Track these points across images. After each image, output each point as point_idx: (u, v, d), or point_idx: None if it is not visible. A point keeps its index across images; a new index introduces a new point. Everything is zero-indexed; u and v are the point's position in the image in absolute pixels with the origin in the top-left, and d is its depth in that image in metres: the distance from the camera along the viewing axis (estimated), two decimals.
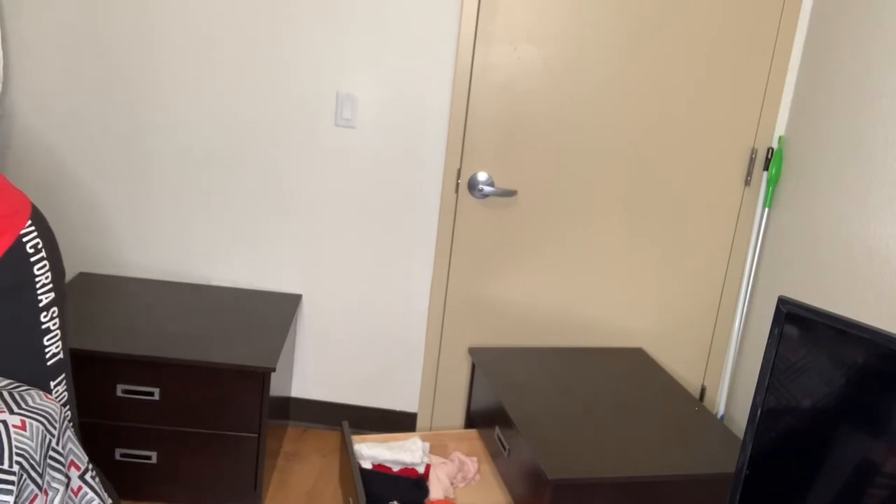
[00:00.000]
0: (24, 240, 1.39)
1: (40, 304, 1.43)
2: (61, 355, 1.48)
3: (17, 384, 1.45)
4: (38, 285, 1.42)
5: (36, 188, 2.63)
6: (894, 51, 2.09)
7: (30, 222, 1.41)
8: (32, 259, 1.41)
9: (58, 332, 1.47)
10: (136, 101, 2.57)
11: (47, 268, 1.44)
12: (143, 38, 2.51)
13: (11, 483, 1.26)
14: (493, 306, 2.74)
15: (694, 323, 2.78)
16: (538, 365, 2.55)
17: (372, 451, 2.35)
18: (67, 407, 1.53)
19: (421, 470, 2.34)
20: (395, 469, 2.34)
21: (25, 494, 1.30)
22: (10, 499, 1.25)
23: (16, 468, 1.27)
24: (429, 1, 2.49)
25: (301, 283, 2.74)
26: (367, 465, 2.33)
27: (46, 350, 1.45)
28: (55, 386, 1.49)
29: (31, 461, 1.31)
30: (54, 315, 1.46)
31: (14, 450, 1.28)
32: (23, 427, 1.32)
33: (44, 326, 1.44)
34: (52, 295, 1.44)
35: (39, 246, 1.43)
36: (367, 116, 2.59)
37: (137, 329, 2.30)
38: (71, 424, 1.55)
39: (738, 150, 2.63)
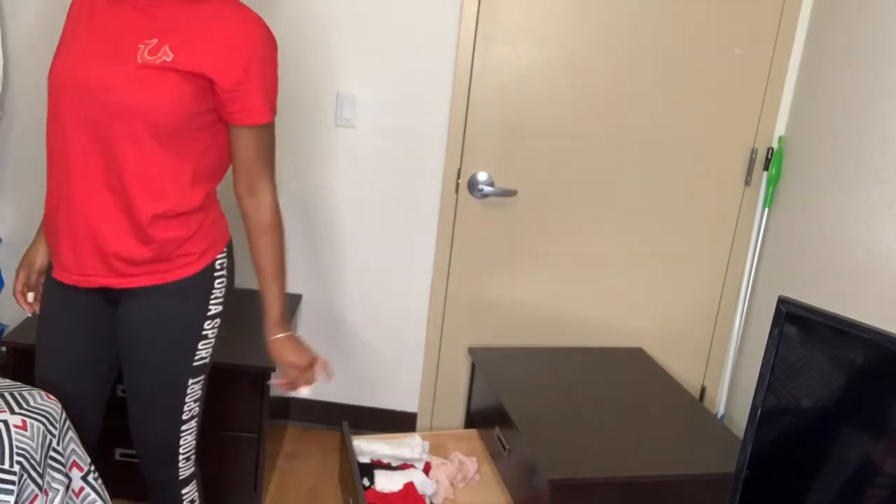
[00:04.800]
0: (218, 258, 1.63)
1: (208, 314, 1.61)
2: (207, 360, 1.66)
3: (18, 385, 1.45)
4: (212, 297, 1.61)
5: (36, 188, 2.63)
6: (894, 51, 2.09)
7: (225, 249, 1.66)
8: (216, 274, 1.63)
9: (213, 340, 1.65)
10: None
11: (224, 284, 1.65)
12: None
13: (12, 483, 1.26)
14: (493, 306, 2.74)
15: (694, 323, 2.79)
16: (538, 365, 2.55)
17: (371, 446, 2.35)
18: (199, 403, 1.69)
19: (420, 466, 2.34)
20: (395, 465, 2.34)
21: (26, 494, 1.30)
22: (11, 498, 1.25)
23: (16, 468, 1.27)
24: (429, 1, 2.49)
25: (301, 283, 2.74)
26: (365, 459, 2.33)
27: (197, 353, 1.62)
28: (192, 384, 1.64)
29: (32, 461, 1.31)
30: (215, 325, 1.64)
31: (15, 450, 1.29)
32: (23, 427, 1.32)
33: (203, 333, 1.61)
34: (220, 307, 1.65)
35: (225, 265, 1.66)
36: (367, 116, 2.59)
37: None
38: (195, 420, 1.69)
39: (738, 150, 2.63)
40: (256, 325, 2.43)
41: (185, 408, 1.64)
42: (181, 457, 1.70)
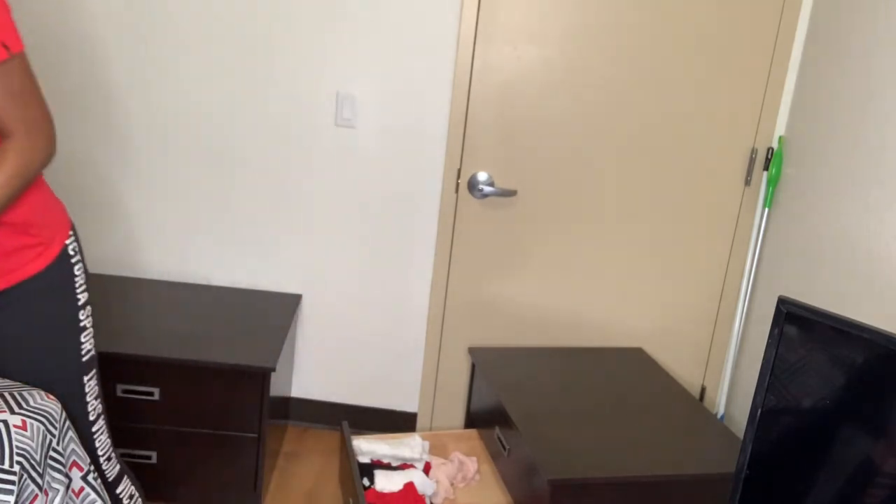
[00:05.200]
0: (68, 243, 1.50)
1: (79, 303, 1.52)
2: (93, 352, 1.57)
3: (18, 385, 1.45)
4: (76, 286, 1.51)
5: None
6: (894, 51, 2.09)
7: (71, 231, 1.52)
8: (73, 261, 1.50)
9: (91, 329, 1.56)
10: (135, 101, 2.57)
11: (82, 269, 1.54)
12: (143, 39, 2.51)
13: (12, 483, 1.26)
14: (493, 306, 2.74)
15: (694, 323, 2.79)
16: (538, 365, 2.55)
17: (371, 446, 2.35)
18: (100, 399, 1.60)
19: (420, 466, 2.34)
20: (395, 464, 2.34)
21: (26, 494, 1.30)
22: (11, 498, 1.25)
23: (16, 468, 1.27)
24: (429, 1, 2.49)
25: (301, 283, 2.74)
26: (365, 459, 2.33)
27: (82, 347, 1.54)
28: (88, 381, 1.57)
29: (32, 461, 1.31)
30: (89, 314, 1.55)
31: (15, 450, 1.29)
32: (23, 427, 1.32)
33: (81, 324, 1.53)
34: (86, 294, 1.54)
35: (77, 249, 1.52)
36: (367, 116, 2.59)
37: (137, 329, 2.30)
38: (102, 417, 1.61)
39: (738, 150, 2.63)
40: (256, 325, 2.43)
41: (90, 408, 1.57)
42: (102, 459, 1.63)
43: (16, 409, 1.35)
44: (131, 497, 1.71)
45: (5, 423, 1.30)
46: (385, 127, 2.59)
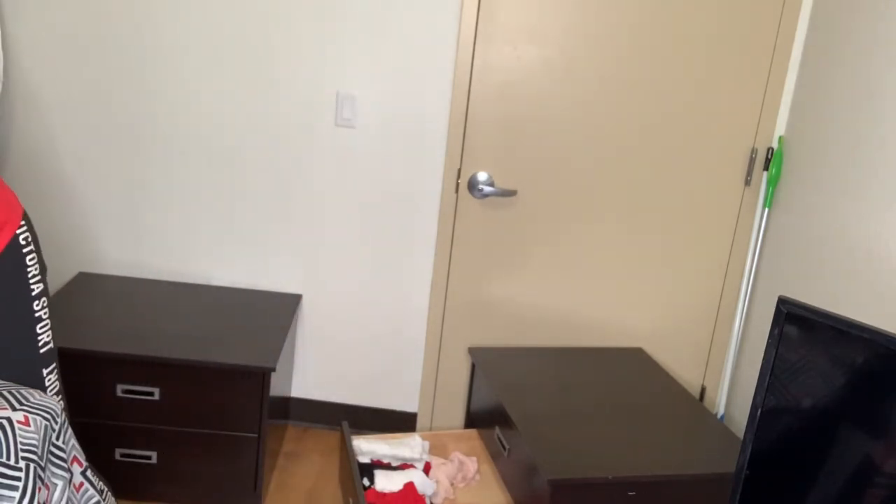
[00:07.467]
0: (19, 232, 1.47)
1: (33, 294, 1.50)
2: (51, 344, 1.55)
3: (14, 385, 1.45)
4: (29, 276, 1.50)
5: (36, 188, 2.63)
6: (894, 51, 2.09)
7: (23, 220, 1.50)
8: (25, 251, 1.49)
9: (48, 321, 1.54)
10: (135, 101, 2.57)
11: (36, 260, 1.52)
12: (143, 39, 2.51)
13: (18, 479, 1.26)
14: (493, 306, 2.74)
15: (694, 323, 2.79)
16: (538, 365, 2.55)
17: (371, 446, 2.35)
18: (60, 396, 1.57)
19: (420, 466, 2.34)
20: (395, 464, 2.34)
21: (30, 488, 1.30)
22: (16, 494, 1.25)
23: (22, 464, 1.28)
24: (429, 1, 2.49)
25: (301, 283, 2.74)
26: (365, 459, 2.33)
27: (39, 338, 1.52)
28: (48, 374, 1.54)
29: (36, 456, 1.32)
30: (44, 305, 1.53)
31: (20, 446, 1.29)
32: (26, 423, 1.32)
33: (36, 315, 1.51)
34: (41, 286, 1.52)
35: (30, 239, 1.51)
36: (367, 116, 2.59)
37: (137, 329, 2.30)
38: (64, 412, 1.57)
39: (738, 150, 2.63)
40: (256, 325, 2.43)
41: None
42: None
43: (17, 405, 1.35)
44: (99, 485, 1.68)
45: (8, 419, 1.30)
46: (385, 127, 2.59)
